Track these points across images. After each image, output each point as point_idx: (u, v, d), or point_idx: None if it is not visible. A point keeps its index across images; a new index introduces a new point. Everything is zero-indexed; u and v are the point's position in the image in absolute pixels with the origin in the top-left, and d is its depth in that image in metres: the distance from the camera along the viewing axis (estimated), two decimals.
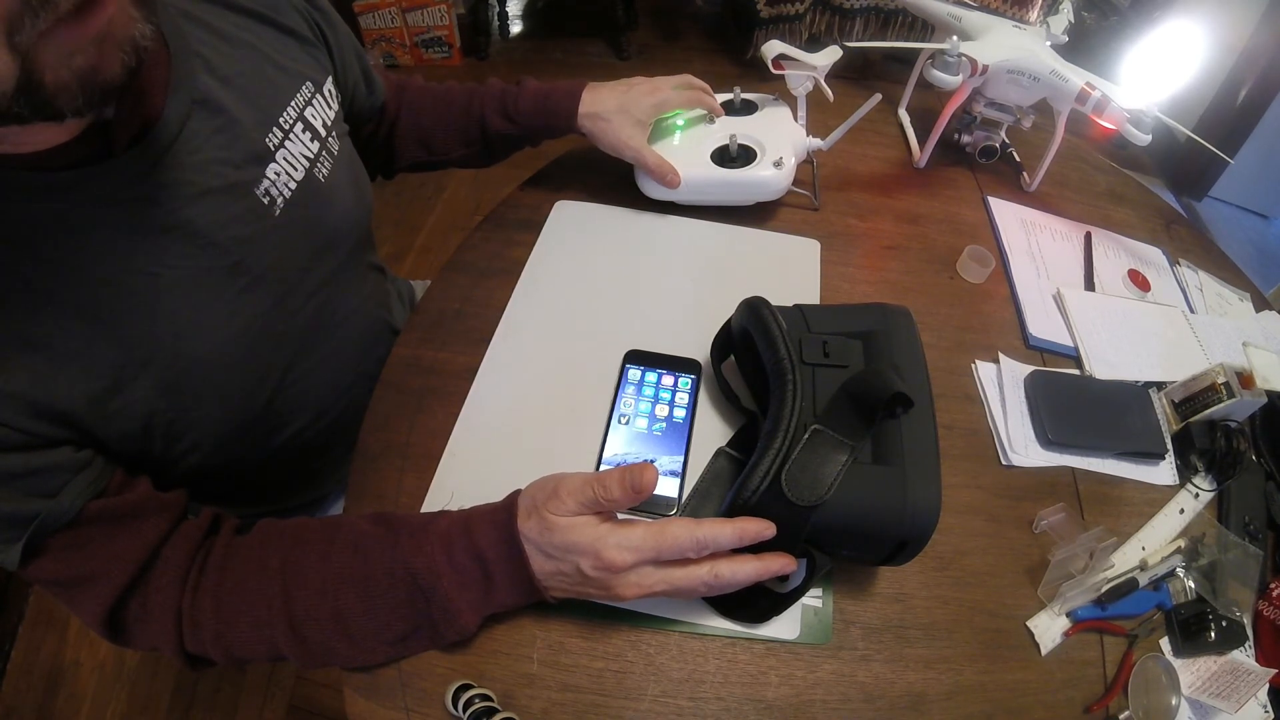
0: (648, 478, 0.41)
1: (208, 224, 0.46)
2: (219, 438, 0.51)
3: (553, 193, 0.77)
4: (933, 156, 0.86)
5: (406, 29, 2.31)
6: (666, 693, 0.46)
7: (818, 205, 0.79)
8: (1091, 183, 0.91)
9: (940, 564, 0.53)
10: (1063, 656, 0.50)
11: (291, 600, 0.44)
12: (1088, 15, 2.04)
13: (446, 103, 0.75)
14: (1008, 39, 0.76)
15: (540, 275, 0.69)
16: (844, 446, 0.44)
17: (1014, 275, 0.74)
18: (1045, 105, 0.80)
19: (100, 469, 0.43)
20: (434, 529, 0.45)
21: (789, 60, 0.71)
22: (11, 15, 0.29)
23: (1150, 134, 0.70)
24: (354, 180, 0.61)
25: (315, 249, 0.56)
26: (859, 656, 0.48)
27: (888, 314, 0.53)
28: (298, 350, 0.56)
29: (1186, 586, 0.53)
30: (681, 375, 0.60)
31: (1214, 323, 0.73)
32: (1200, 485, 0.60)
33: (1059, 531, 0.54)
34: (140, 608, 0.44)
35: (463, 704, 0.43)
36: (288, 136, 0.52)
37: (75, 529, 0.41)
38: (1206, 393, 0.61)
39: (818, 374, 0.48)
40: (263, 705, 1.13)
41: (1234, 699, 0.48)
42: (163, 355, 0.44)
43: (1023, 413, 0.62)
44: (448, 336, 0.64)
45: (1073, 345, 0.68)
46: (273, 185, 0.50)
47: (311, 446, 0.62)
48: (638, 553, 0.42)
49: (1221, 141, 1.95)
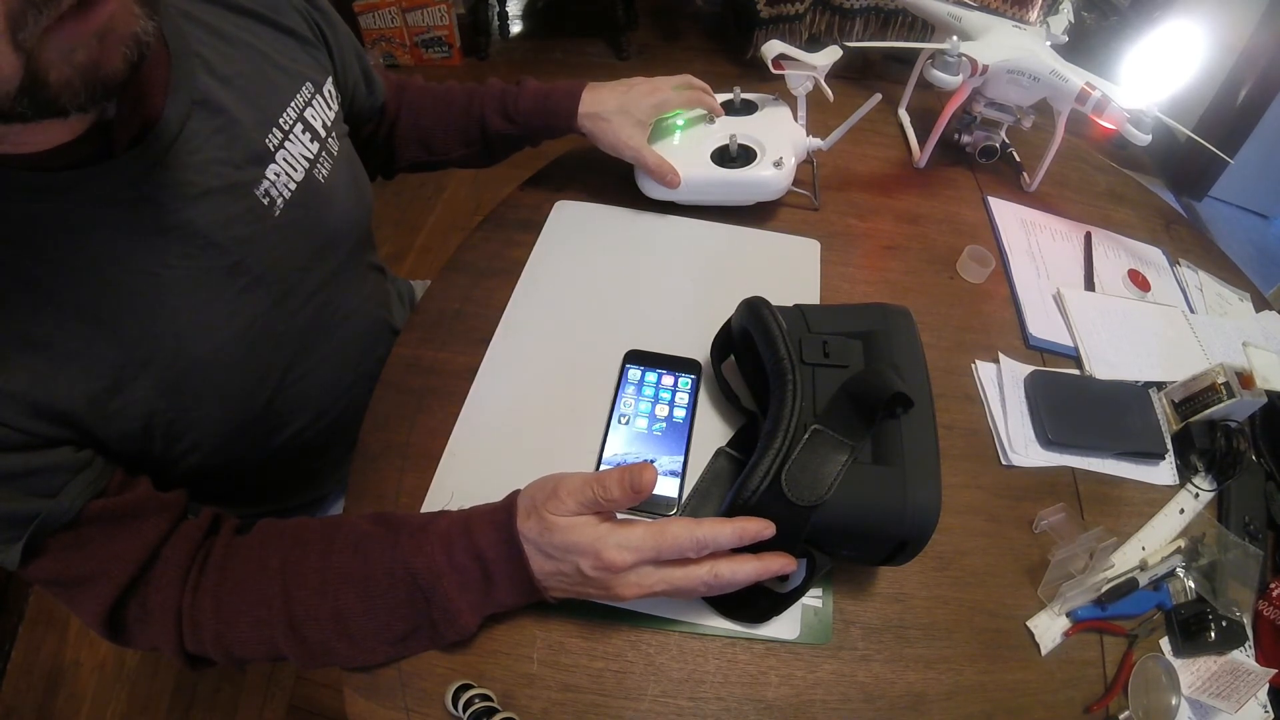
0: (647, 478, 0.41)
1: (208, 224, 0.46)
2: (219, 438, 0.51)
3: (553, 193, 0.77)
4: (933, 156, 0.86)
5: (406, 29, 2.31)
6: (666, 693, 0.46)
7: (818, 205, 0.79)
8: (1091, 183, 0.91)
9: (940, 564, 0.53)
10: (1063, 656, 0.50)
11: (291, 600, 0.44)
12: (1088, 15, 2.04)
13: (446, 103, 0.75)
14: (1008, 39, 0.76)
15: (540, 275, 0.69)
16: (844, 446, 0.44)
17: (1014, 275, 0.74)
18: (1045, 105, 0.80)
19: (100, 469, 0.43)
20: (434, 529, 0.45)
21: (789, 60, 0.71)
22: (14, 12, 0.29)
23: (1150, 134, 0.70)
24: (354, 181, 0.61)
25: (315, 249, 0.56)
26: (859, 656, 0.48)
27: (888, 314, 0.53)
28: (298, 350, 0.56)
29: (1186, 586, 0.53)
30: (681, 375, 0.60)
31: (1214, 323, 0.73)
32: (1200, 485, 0.60)
33: (1059, 531, 0.54)
34: (140, 607, 0.44)
35: (463, 704, 0.43)
36: (288, 137, 0.52)
37: (75, 529, 0.41)
38: (1206, 393, 0.61)
39: (818, 374, 0.48)
40: (263, 705, 1.13)
41: (1234, 699, 0.48)
42: (163, 355, 0.44)
43: (1023, 413, 0.62)
44: (448, 336, 0.64)
45: (1073, 345, 0.68)
46: (272, 186, 0.51)
47: (311, 446, 0.62)
48: (637, 553, 0.41)
49: (1221, 141, 1.95)
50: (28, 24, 0.29)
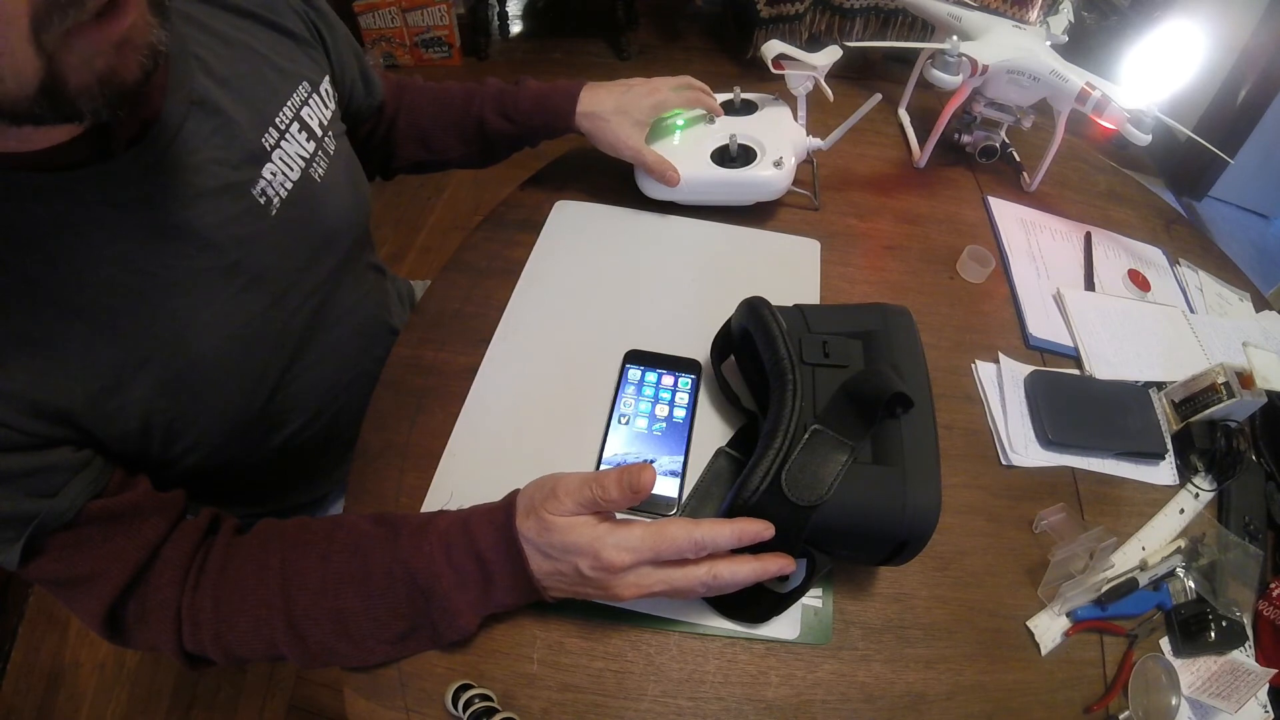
0: (645, 478, 0.41)
1: (205, 224, 0.46)
2: (218, 437, 0.51)
3: (553, 193, 0.77)
4: (933, 156, 0.86)
5: (406, 29, 2.31)
6: (666, 693, 0.46)
7: (818, 205, 0.79)
8: (1091, 183, 0.91)
9: (940, 564, 0.53)
10: (1063, 656, 0.50)
11: (291, 600, 0.44)
12: (1088, 15, 2.04)
13: (445, 102, 0.75)
14: (1008, 39, 0.76)
15: (540, 275, 0.69)
16: (844, 446, 0.44)
17: (1014, 275, 0.74)
18: (1045, 105, 0.80)
19: (99, 469, 0.43)
20: (433, 529, 0.45)
21: (789, 60, 0.71)
22: (39, 13, 0.29)
23: (1150, 134, 0.70)
24: (351, 180, 0.61)
25: (312, 249, 0.56)
26: (859, 656, 0.48)
27: (888, 314, 0.53)
28: (296, 350, 0.56)
29: (1186, 586, 0.53)
30: (681, 375, 0.60)
31: (1214, 323, 0.73)
32: (1200, 485, 0.60)
33: (1059, 531, 0.54)
34: (139, 607, 0.44)
35: (463, 704, 0.43)
36: (284, 136, 0.53)
37: (74, 529, 0.41)
38: (1206, 393, 0.61)
39: (818, 374, 0.48)
40: (263, 705, 1.13)
41: (1234, 699, 0.48)
42: (162, 355, 0.44)
43: (1023, 413, 0.62)
44: (448, 336, 0.64)
45: (1073, 345, 0.68)
46: (269, 185, 0.51)
47: (309, 446, 0.62)
48: (636, 553, 0.41)
49: (1221, 141, 1.94)
50: (52, 25, 0.30)
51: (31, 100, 0.32)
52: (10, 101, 0.31)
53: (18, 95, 0.31)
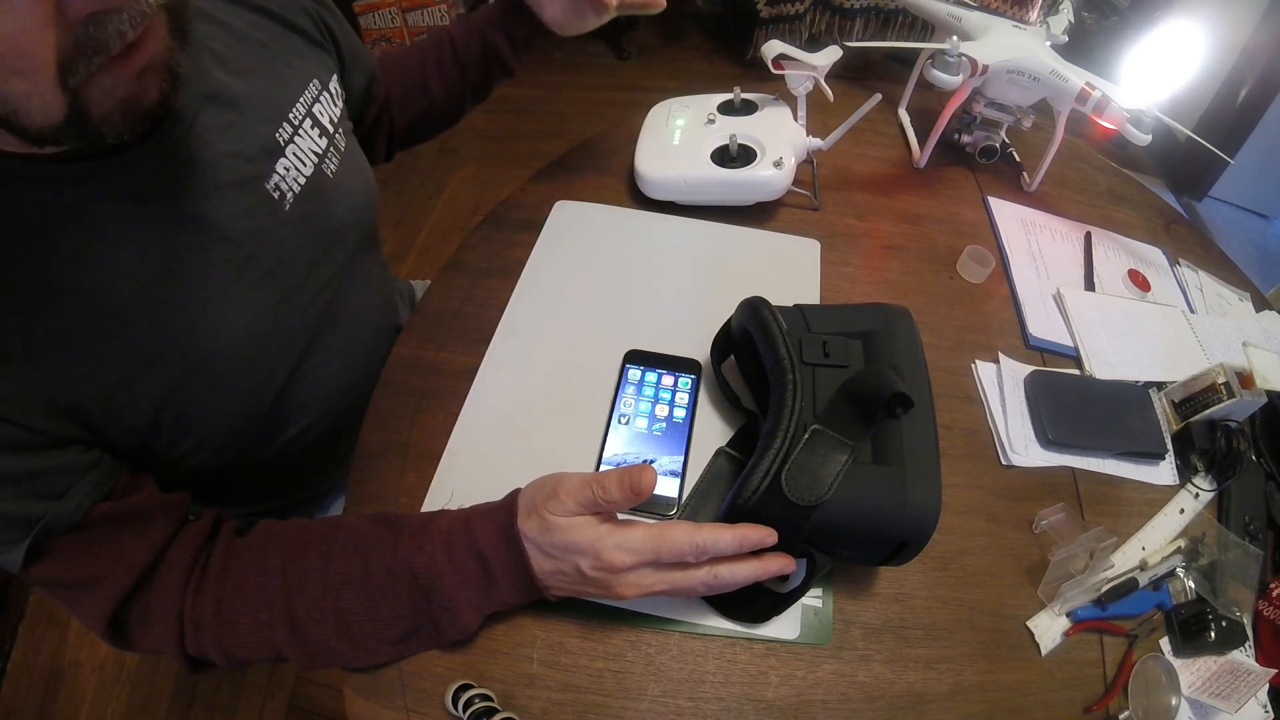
0: (646, 479, 0.41)
1: (220, 217, 0.46)
2: (226, 433, 0.51)
3: (553, 193, 0.77)
4: (933, 156, 0.86)
5: (406, 29, 2.31)
6: (666, 693, 0.46)
7: (818, 205, 0.79)
8: (1091, 183, 0.91)
9: (940, 564, 0.53)
10: (1063, 656, 0.50)
11: (292, 601, 0.44)
12: (1088, 15, 2.04)
13: (418, 47, 0.77)
14: (1008, 39, 0.76)
15: (540, 275, 0.69)
16: (844, 446, 0.44)
17: (1014, 275, 0.74)
18: (1045, 105, 0.80)
19: (107, 471, 0.43)
20: (434, 528, 0.45)
21: (789, 60, 0.71)
22: (67, 59, 0.31)
23: (1150, 134, 0.70)
24: (360, 175, 0.62)
25: (324, 244, 0.56)
26: (859, 656, 0.48)
27: (888, 314, 0.53)
28: (306, 346, 0.56)
29: (1186, 586, 0.53)
30: (681, 375, 0.60)
31: (1214, 323, 0.73)
32: (1200, 485, 0.60)
33: (1059, 531, 0.54)
34: (143, 611, 0.44)
35: (463, 704, 0.43)
36: (297, 132, 0.53)
37: (80, 531, 0.41)
38: (1206, 393, 0.61)
39: (818, 374, 0.48)
40: (263, 705, 1.13)
41: (1234, 699, 0.48)
42: (174, 349, 0.45)
43: (1023, 413, 0.62)
44: (448, 336, 0.64)
45: (1073, 345, 0.68)
46: (282, 180, 0.51)
47: (317, 443, 0.62)
48: (637, 555, 0.42)
49: (1221, 141, 1.95)
50: (79, 71, 0.32)
51: (57, 129, 0.34)
52: (36, 131, 0.34)
53: (44, 126, 0.33)
